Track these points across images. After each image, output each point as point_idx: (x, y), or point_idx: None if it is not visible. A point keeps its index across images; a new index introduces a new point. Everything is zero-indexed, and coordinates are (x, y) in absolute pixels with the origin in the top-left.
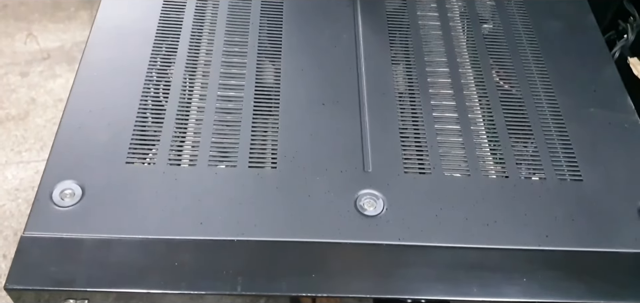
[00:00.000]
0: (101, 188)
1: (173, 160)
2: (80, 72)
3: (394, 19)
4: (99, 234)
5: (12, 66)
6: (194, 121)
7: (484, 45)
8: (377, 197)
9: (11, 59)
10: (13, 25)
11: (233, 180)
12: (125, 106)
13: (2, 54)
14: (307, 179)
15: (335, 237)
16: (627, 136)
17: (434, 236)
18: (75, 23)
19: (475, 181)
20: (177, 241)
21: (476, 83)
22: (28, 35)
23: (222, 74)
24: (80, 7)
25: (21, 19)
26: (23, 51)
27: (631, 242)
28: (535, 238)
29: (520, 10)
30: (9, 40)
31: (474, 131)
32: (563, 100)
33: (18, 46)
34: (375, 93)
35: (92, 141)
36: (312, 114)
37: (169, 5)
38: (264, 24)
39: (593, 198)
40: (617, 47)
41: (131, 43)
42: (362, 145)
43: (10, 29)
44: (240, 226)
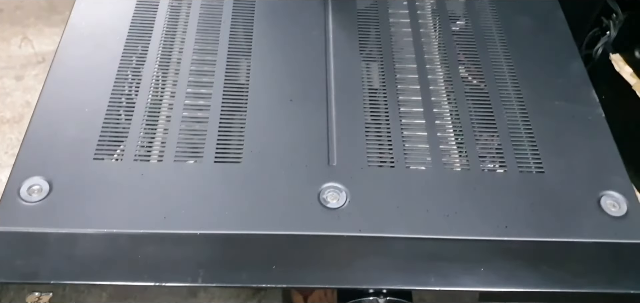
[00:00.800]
0: (68, 183)
1: (140, 156)
2: (52, 71)
3: (364, 16)
4: (65, 229)
5: (7, 69)
6: (163, 118)
7: (452, 41)
8: (340, 190)
9: (6, 63)
10: (8, 30)
11: (198, 175)
12: (95, 104)
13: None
14: (272, 174)
15: (296, 229)
16: (591, 129)
17: (394, 227)
18: None
19: (438, 173)
20: (140, 234)
21: (444, 79)
22: (23, 39)
23: (192, 72)
24: None
25: (16, 23)
26: (18, 55)
27: (589, 232)
28: (495, 228)
29: (491, 7)
30: (5, 44)
31: (439, 125)
32: (528, 94)
33: (13, 49)
34: (343, 89)
35: (61, 138)
36: (280, 110)
37: (142, 5)
38: (235, 22)
39: (554, 190)
40: (600, 44)
41: (103, 42)
42: (327, 140)
43: (5, 33)
44: (203, 220)
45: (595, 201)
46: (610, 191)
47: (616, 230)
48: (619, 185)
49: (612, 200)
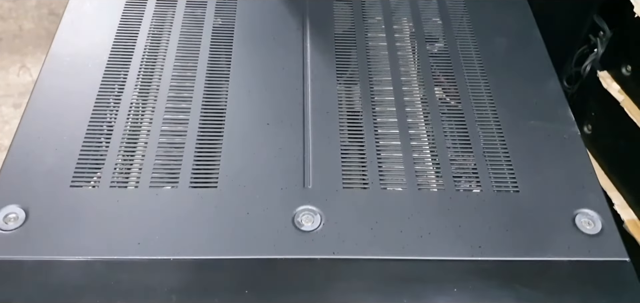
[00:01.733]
0: (45, 211)
1: (117, 183)
2: (32, 100)
3: (342, 40)
4: (40, 256)
5: (6, 97)
6: (141, 145)
7: (429, 63)
8: (315, 213)
9: (5, 91)
10: (7, 58)
11: (173, 201)
12: (74, 131)
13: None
14: (247, 198)
15: (270, 253)
16: (566, 147)
17: (368, 249)
18: None
19: (412, 194)
20: (114, 261)
21: (420, 100)
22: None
23: (170, 98)
24: None
25: (15, 52)
26: (16, 83)
27: (564, 250)
28: (469, 249)
29: (469, 28)
30: (3, 72)
31: (416, 146)
32: (503, 113)
33: (12, 77)
34: (319, 112)
35: (39, 166)
36: (257, 134)
37: (121, 33)
38: (214, 48)
39: (528, 209)
40: (588, 61)
41: (83, 70)
42: (304, 163)
43: (4, 62)
44: (176, 245)
45: (570, 219)
46: (585, 209)
47: (591, 247)
48: (594, 203)
49: (586, 218)
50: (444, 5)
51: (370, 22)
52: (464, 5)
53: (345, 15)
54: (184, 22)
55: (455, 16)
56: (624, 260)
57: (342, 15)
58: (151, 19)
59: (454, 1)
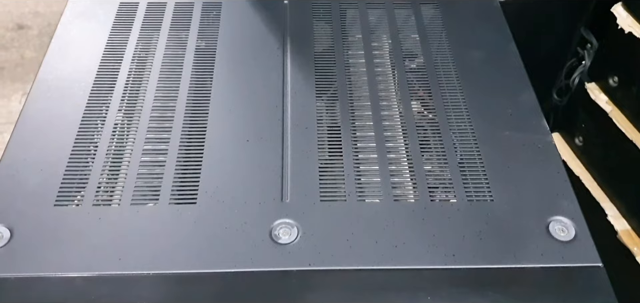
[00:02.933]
0: (29, 230)
1: (99, 201)
2: (19, 123)
3: (321, 58)
4: (23, 273)
5: (8, 125)
6: (125, 164)
7: (406, 78)
8: (292, 226)
9: (6, 118)
10: (9, 86)
11: (153, 217)
12: (58, 152)
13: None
14: (226, 213)
15: (247, 266)
16: (540, 157)
17: (344, 259)
18: None
19: (388, 206)
20: (95, 277)
21: (398, 114)
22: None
23: (152, 118)
24: None
25: (17, 80)
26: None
27: (537, 257)
28: (442, 257)
29: (445, 43)
30: (5, 100)
31: (391, 159)
32: (478, 124)
33: (14, 105)
34: (298, 128)
35: (24, 186)
36: (236, 150)
37: (107, 56)
38: (196, 69)
39: (503, 217)
40: (576, 74)
41: (69, 94)
42: (282, 177)
43: (6, 90)
44: (156, 260)
45: (544, 226)
46: (559, 216)
47: (564, 254)
48: (568, 210)
49: (560, 225)
50: (422, 22)
51: (350, 40)
52: (441, 22)
53: (325, 34)
54: (168, 44)
55: (433, 33)
56: (597, 266)
57: (322, 34)
58: (136, 42)
59: (432, 18)
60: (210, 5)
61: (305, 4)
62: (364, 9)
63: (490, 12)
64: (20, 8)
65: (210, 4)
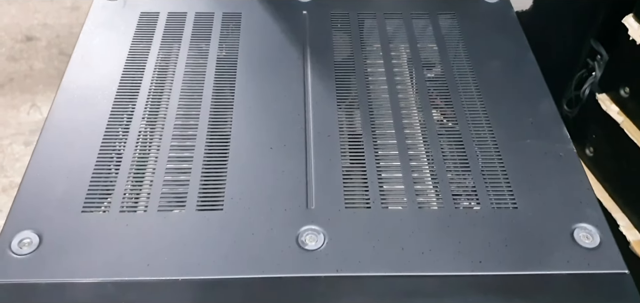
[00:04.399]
0: (57, 236)
1: (126, 208)
2: (45, 130)
3: (341, 68)
4: (53, 279)
5: (17, 135)
6: (149, 171)
7: (426, 87)
8: (318, 232)
9: (16, 129)
10: (18, 97)
11: (181, 223)
12: (84, 160)
13: (7, 124)
14: (252, 219)
15: (275, 272)
16: (562, 164)
17: (371, 266)
18: None
19: (413, 213)
20: (125, 282)
21: (419, 123)
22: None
23: (176, 126)
24: None
25: (26, 91)
26: (27, 121)
27: (563, 264)
28: (469, 264)
29: (464, 53)
30: (14, 111)
31: (415, 167)
32: (500, 133)
33: (23, 116)
34: (320, 136)
35: (52, 193)
36: (260, 157)
37: (130, 66)
38: (218, 78)
39: (527, 224)
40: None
41: (93, 102)
42: (306, 184)
43: (15, 101)
44: (184, 266)
45: (569, 233)
46: (583, 223)
47: (590, 261)
48: (592, 217)
49: (585, 232)
50: (440, 32)
51: (368, 50)
52: (459, 32)
53: (344, 44)
54: (189, 54)
55: (451, 42)
56: (624, 273)
57: (341, 44)
58: (158, 52)
59: (449, 28)
60: (230, 15)
61: (323, 14)
62: (381, 19)
63: (507, 21)
64: (29, 20)
65: (231, 15)
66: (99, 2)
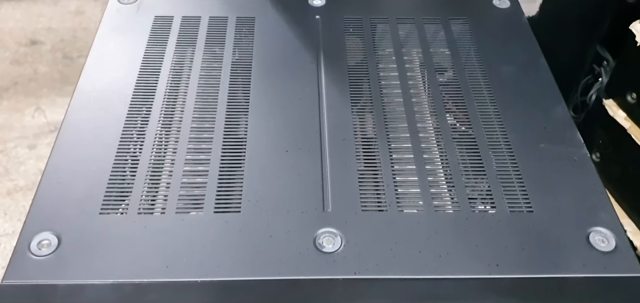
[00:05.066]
0: (76, 237)
1: (143, 210)
2: (62, 132)
3: (355, 72)
4: (73, 280)
5: (21, 139)
6: (166, 173)
7: (439, 92)
8: (335, 235)
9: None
10: (23, 101)
11: (198, 225)
12: (102, 162)
13: (12, 128)
14: (269, 221)
15: (293, 274)
16: (577, 168)
17: (388, 268)
18: None
19: (429, 216)
20: (144, 283)
21: (433, 127)
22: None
23: (192, 128)
24: None
25: (31, 95)
26: (32, 125)
27: (579, 267)
28: (486, 267)
29: (476, 58)
30: (19, 114)
31: (430, 170)
32: (514, 137)
33: (27, 119)
34: (336, 139)
35: (69, 195)
36: (276, 160)
37: (145, 68)
38: (233, 81)
39: (543, 228)
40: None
41: (109, 104)
42: (322, 187)
43: (20, 104)
44: (203, 267)
45: (584, 237)
46: (598, 227)
47: (606, 264)
48: (607, 221)
49: (600, 236)
50: (452, 37)
51: (381, 54)
52: (471, 37)
53: (357, 48)
54: (204, 57)
55: (464, 47)
56: None
57: (354, 48)
58: (172, 55)
59: (461, 33)
60: (243, 19)
61: (336, 18)
62: (394, 24)
63: (518, 27)
64: (33, 24)
65: (244, 19)
66: (113, 6)
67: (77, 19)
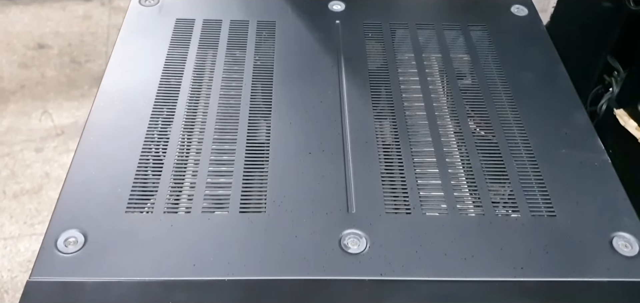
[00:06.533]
0: (102, 235)
1: (169, 209)
2: (86, 132)
3: (375, 76)
4: (100, 277)
5: (28, 142)
6: (190, 173)
7: (460, 96)
8: (360, 236)
9: (27, 136)
10: (30, 105)
11: (224, 225)
12: (126, 161)
13: (18, 131)
14: (294, 222)
15: (320, 274)
16: (598, 174)
17: (414, 270)
18: (89, 100)
19: (454, 219)
20: (171, 282)
21: (454, 131)
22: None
23: (216, 130)
24: (94, 85)
25: (38, 98)
26: (38, 128)
27: (603, 272)
28: (511, 270)
29: (495, 64)
30: (25, 118)
31: (452, 174)
32: (536, 143)
33: (34, 123)
34: (358, 142)
35: (95, 194)
36: (299, 162)
37: (168, 70)
38: (255, 83)
39: (566, 232)
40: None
41: (133, 105)
42: (346, 189)
43: (27, 108)
44: (230, 266)
45: (607, 242)
46: (621, 232)
47: (629, 268)
48: (630, 226)
49: (623, 241)
50: (472, 43)
51: (400, 59)
52: (490, 44)
53: (377, 53)
54: (226, 60)
55: (483, 53)
56: None
57: (374, 52)
58: (195, 58)
59: (481, 39)
60: (264, 23)
61: (356, 23)
62: (413, 29)
63: (537, 34)
64: (41, 28)
65: (265, 23)
66: (134, 8)
67: (84, 24)
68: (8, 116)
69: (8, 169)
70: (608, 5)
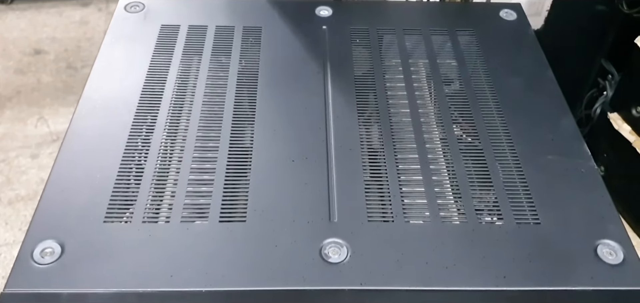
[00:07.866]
0: (80, 245)
1: (148, 218)
2: (66, 140)
3: (361, 82)
4: (75, 289)
5: (24, 148)
6: (171, 182)
7: (447, 102)
8: (341, 245)
9: (22, 142)
10: (26, 111)
11: (204, 235)
12: (106, 170)
13: (14, 137)
14: (275, 231)
15: (299, 285)
16: (584, 181)
17: (395, 280)
18: None
19: (436, 227)
20: (148, 293)
21: (439, 137)
22: (39, 119)
23: (198, 137)
24: None
25: (33, 104)
26: (34, 134)
27: (587, 280)
28: (493, 279)
29: (482, 69)
30: (21, 124)
31: (436, 181)
32: (521, 149)
33: (29, 129)
34: (342, 149)
35: (73, 203)
36: (282, 170)
37: (151, 77)
38: (240, 90)
39: (550, 240)
40: (598, 104)
41: (115, 112)
42: (328, 197)
43: (23, 114)
44: (208, 277)
45: (592, 249)
46: (606, 239)
47: (614, 277)
48: (615, 234)
49: (608, 248)
50: (459, 49)
51: (387, 65)
52: (478, 49)
53: (363, 59)
54: (211, 67)
55: (470, 59)
56: None
57: (361, 58)
58: (179, 64)
59: (468, 45)
60: (250, 29)
61: (343, 29)
62: (401, 35)
63: (525, 40)
64: (37, 33)
65: (251, 29)
66: (119, 14)
67: (81, 29)
68: (4, 122)
69: (3, 175)
70: (602, 9)
